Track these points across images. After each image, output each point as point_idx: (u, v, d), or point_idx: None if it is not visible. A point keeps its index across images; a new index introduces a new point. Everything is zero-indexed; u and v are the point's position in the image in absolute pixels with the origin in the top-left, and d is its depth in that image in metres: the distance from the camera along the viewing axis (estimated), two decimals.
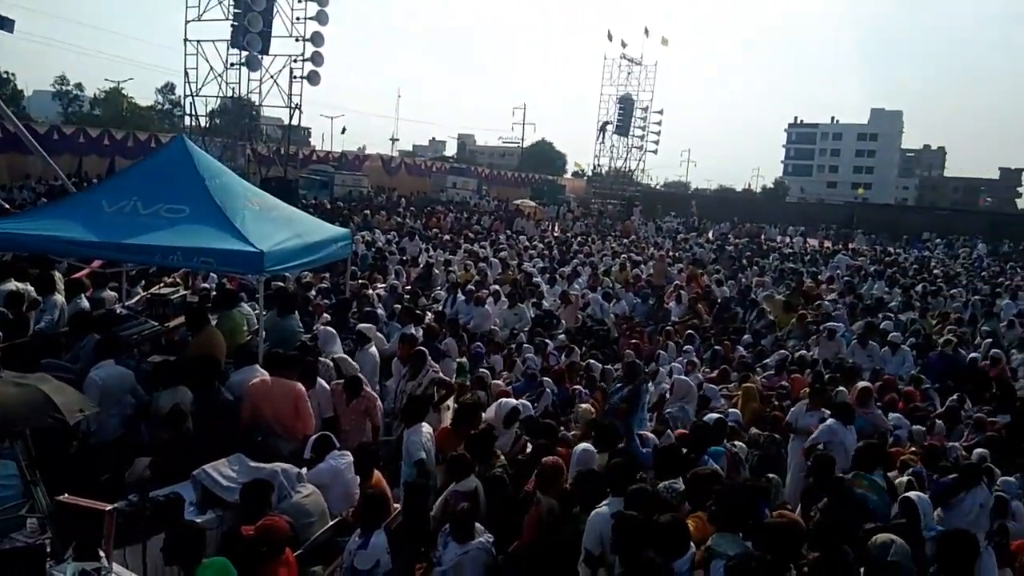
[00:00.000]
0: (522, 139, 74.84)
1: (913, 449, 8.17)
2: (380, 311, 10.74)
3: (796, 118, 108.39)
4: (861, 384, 8.24)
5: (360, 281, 13.65)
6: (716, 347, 12.56)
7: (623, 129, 45.72)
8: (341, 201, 30.71)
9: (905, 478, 7.01)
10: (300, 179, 30.93)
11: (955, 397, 10.12)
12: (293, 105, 27.40)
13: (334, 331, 8.45)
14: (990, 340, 13.57)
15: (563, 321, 13.38)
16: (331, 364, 7.57)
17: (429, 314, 12.08)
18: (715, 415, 7.59)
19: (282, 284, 10.46)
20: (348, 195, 33.94)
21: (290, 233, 7.43)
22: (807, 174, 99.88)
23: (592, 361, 10.64)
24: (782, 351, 12.13)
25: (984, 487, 5.80)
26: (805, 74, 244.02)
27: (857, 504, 4.52)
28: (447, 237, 22.96)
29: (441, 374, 8.02)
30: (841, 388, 9.18)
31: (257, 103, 28.69)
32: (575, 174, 71.46)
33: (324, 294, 12.45)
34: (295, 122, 28.76)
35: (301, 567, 4.70)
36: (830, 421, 7.00)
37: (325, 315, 10.25)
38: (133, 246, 6.63)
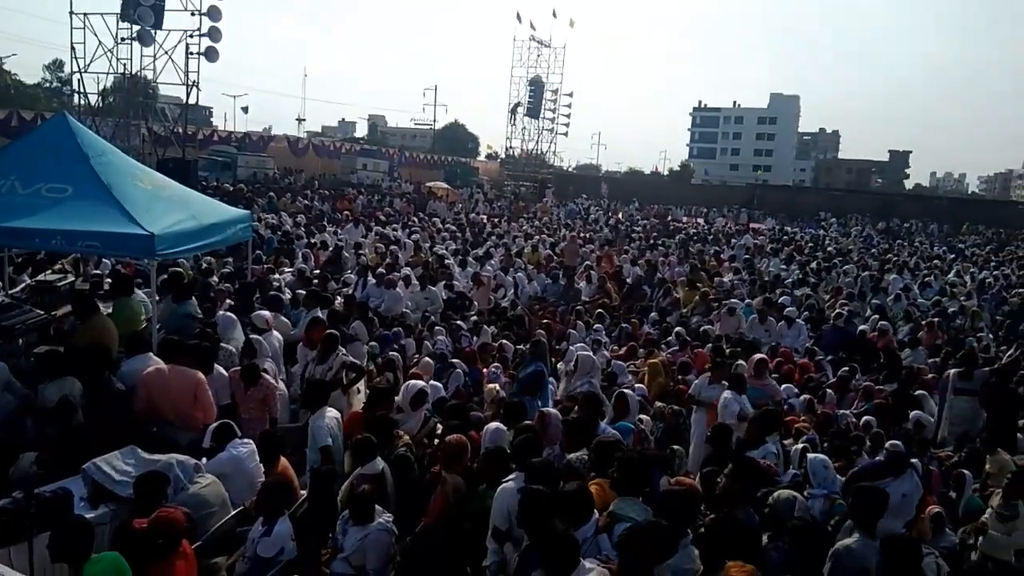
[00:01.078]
0: (434, 121, 74.19)
1: (804, 418, 8.61)
2: (287, 295, 10.44)
3: (700, 102, 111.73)
4: (756, 356, 8.58)
5: (266, 265, 13.25)
6: (624, 325, 12.84)
7: (534, 111, 46.03)
8: (245, 183, 29.64)
9: (800, 445, 7.42)
10: (200, 160, 29.66)
11: (846, 368, 10.73)
12: (190, 83, 26.23)
13: (234, 317, 8.15)
14: (878, 313, 14.42)
15: (475, 303, 13.38)
16: (232, 351, 7.32)
17: (339, 298, 11.91)
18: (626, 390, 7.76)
19: (178, 269, 10.00)
20: (252, 177, 32.82)
21: (184, 215, 7.09)
22: (711, 157, 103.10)
23: (504, 342, 10.69)
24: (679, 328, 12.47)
25: (913, 476, 5.88)
26: (709, 59, 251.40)
27: (759, 470, 4.72)
28: (358, 219, 22.54)
29: (351, 358, 7.88)
30: (741, 361, 9.57)
31: (152, 81, 27.28)
32: (488, 156, 71.47)
33: (227, 279, 12.01)
34: (193, 101, 27.53)
35: (202, 558, 4.55)
36: (727, 392, 7.28)
37: (228, 301, 9.90)
38: (8, 229, 6.18)
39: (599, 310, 13.81)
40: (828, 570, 4.03)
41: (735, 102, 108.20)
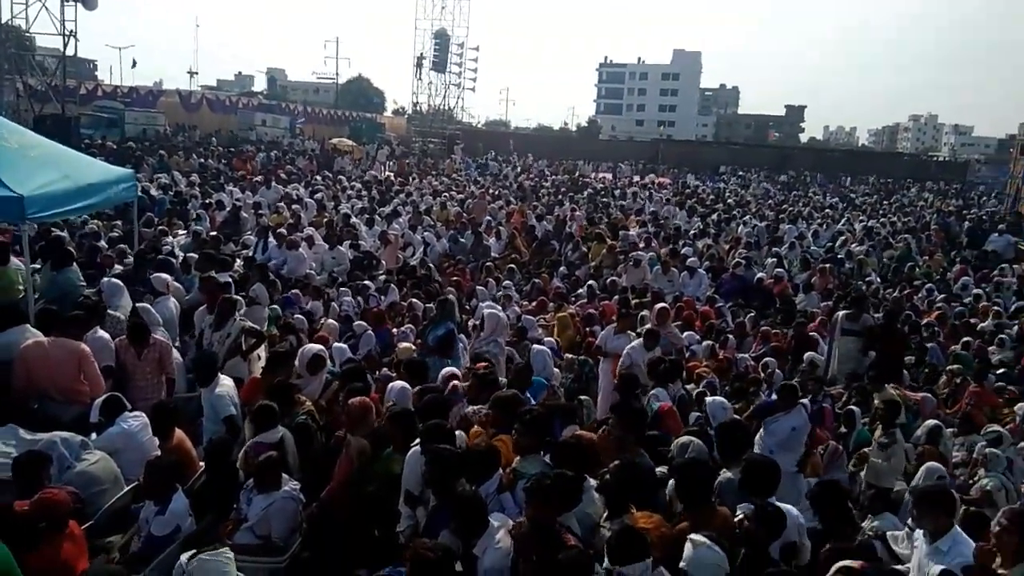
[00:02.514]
0: (336, 75, 71.65)
1: (705, 363, 8.92)
2: (179, 259, 9.93)
3: (606, 58, 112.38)
4: (659, 306, 8.79)
5: (158, 228, 12.55)
6: (535, 280, 12.91)
7: (440, 65, 45.08)
8: (133, 141, 27.89)
9: (700, 388, 7.70)
10: (83, 117, 27.61)
11: (751, 315, 11.19)
12: (67, 32, 24.23)
13: (121, 283, 7.67)
14: (774, 260, 15.03)
15: (383, 262, 13.13)
16: (120, 318, 6.91)
17: (238, 260, 11.43)
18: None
19: (60, 234, 9.33)
20: (142, 134, 30.93)
21: (57, 174, 6.56)
22: (618, 112, 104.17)
23: (414, 300, 10.55)
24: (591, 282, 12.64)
25: (802, 411, 6.13)
26: (615, 14, 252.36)
27: (642, 414, 4.84)
28: (257, 178, 21.65)
29: (249, 323, 7.58)
30: (646, 312, 9.81)
31: (25, 30, 25.05)
32: (395, 112, 69.81)
33: (115, 243, 11.31)
34: (72, 52, 25.50)
35: (94, 537, 4.33)
36: (635, 342, 7.43)
37: (117, 266, 9.33)
38: None
39: (510, 266, 13.85)
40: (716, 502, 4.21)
41: (640, 58, 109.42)
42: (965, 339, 10.69)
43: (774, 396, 6.68)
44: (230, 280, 8.47)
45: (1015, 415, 8.14)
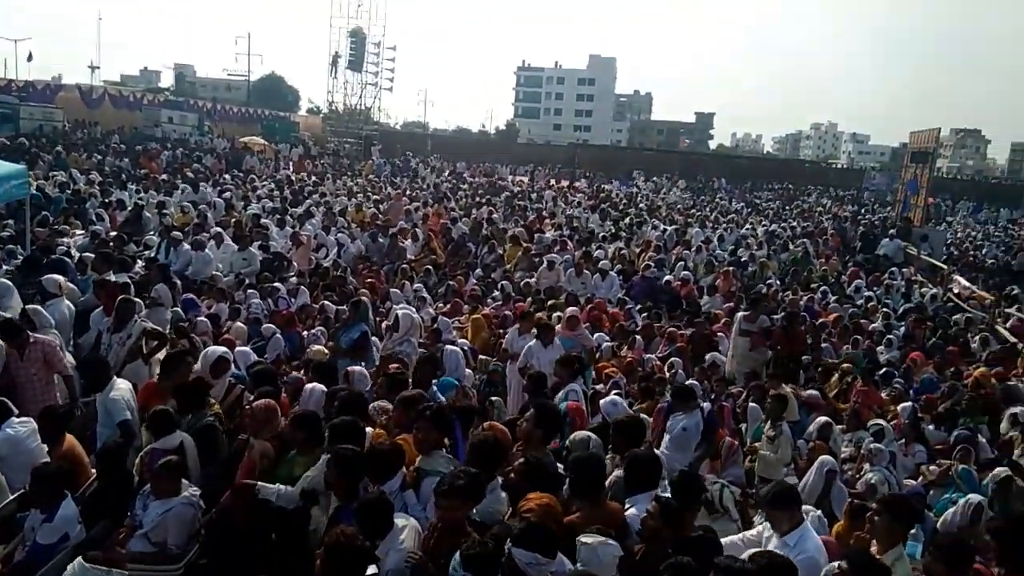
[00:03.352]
0: (248, 72, 69.44)
1: (613, 363, 9.17)
2: (75, 259, 9.50)
3: (524, 61, 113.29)
4: (569, 310, 8.97)
5: (54, 227, 11.95)
6: (450, 282, 12.95)
7: (356, 64, 44.33)
8: (28, 137, 26.38)
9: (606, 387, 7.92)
10: None
11: (650, 314, 11.55)
12: None
13: (9, 283, 7.29)
14: (682, 263, 15.56)
15: (295, 263, 12.89)
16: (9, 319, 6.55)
17: (140, 261, 11.02)
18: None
19: None
20: (38, 130, 29.26)
21: None
22: (535, 116, 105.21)
23: (326, 303, 10.41)
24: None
25: (697, 412, 6.31)
26: (532, 17, 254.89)
27: (554, 412, 4.96)
28: (162, 177, 20.84)
29: (151, 324, 7.33)
30: (559, 313, 10.00)
31: None
32: (309, 111, 68.28)
33: (5, 243, 10.71)
34: None
35: None
36: (532, 342, 7.59)
37: (5, 266, 8.84)
38: None
39: (426, 267, 13.85)
40: (611, 497, 4.36)
41: (557, 62, 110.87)
42: (854, 337, 11.34)
43: None
44: (128, 281, 8.16)
45: (900, 412, 8.71)
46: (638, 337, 10.40)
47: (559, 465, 4.54)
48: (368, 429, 4.72)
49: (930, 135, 23.43)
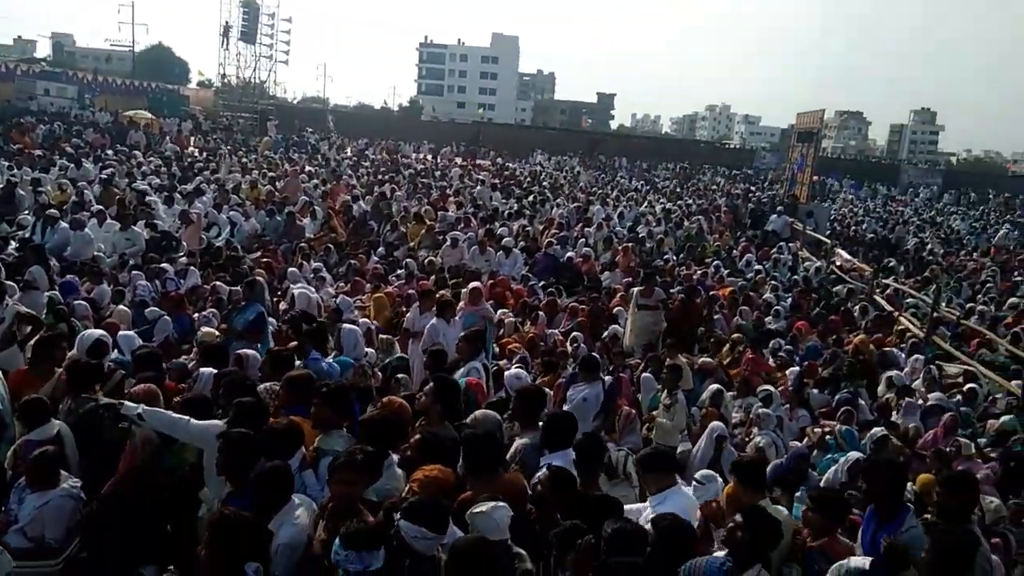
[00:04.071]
0: (133, 42, 65.34)
1: (516, 339, 9.25)
2: None
3: (427, 37, 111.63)
4: (472, 285, 8.97)
5: None
6: (351, 261, 12.68)
7: (249, 36, 42.69)
8: None
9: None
10: None
11: (552, 290, 11.71)
12: None
13: None
14: (583, 240, 15.82)
15: (184, 243, 12.30)
16: None
17: (12, 242, 10.30)
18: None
19: None
20: None
21: None
22: (439, 93, 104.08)
23: (218, 283, 9.99)
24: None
25: (598, 384, 6.53)
26: None
27: (456, 387, 4.97)
28: (37, 153, 19.43)
29: (24, 308, 6.84)
30: (464, 290, 9.97)
31: None
32: (200, 84, 64.98)
33: None
34: None
35: None
36: (433, 320, 7.57)
37: None
38: None
39: (326, 246, 13.53)
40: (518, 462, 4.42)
41: (460, 40, 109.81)
42: (743, 309, 11.84)
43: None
44: None
45: (787, 378, 9.19)
46: (540, 313, 10.51)
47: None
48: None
49: (815, 116, 24.64)
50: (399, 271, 12.35)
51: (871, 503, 4.29)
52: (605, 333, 9.87)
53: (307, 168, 24.38)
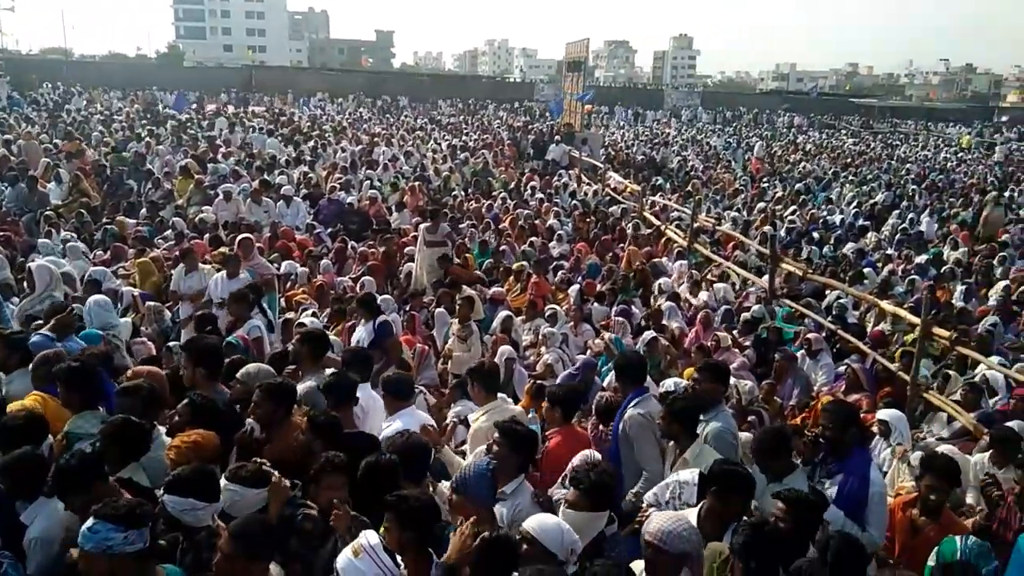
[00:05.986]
0: None
1: (304, 290, 8.96)
2: None
3: None
4: (240, 237, 8.50)
5: None
6: (108, 226, 11.47)
7: None
8: None
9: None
10: None
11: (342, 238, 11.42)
12: None
13: None
14: (368, 182, 15.49)
15: None
16: None
17: None
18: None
19: None
20: None
21: None
22: (201, 37, 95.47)
23: None
24: None
25: (370, 324, 6.44)
26: None
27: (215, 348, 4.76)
28: None
29: None
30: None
31: None
32: None
33: None
34: None
35: None
36: (216, 276, 7.16)
37: None
38: None
39: (77, 212, 12.11)
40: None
41: None
42: (530, 239, 12.27)
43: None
44: None
45: (569, 297, 9.70)
46: (326, 261, 10.23)
47: None
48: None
49: (582, 45, 25.64)
50: (167, 232, 11.41)
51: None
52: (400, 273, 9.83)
53: (48, 128, 21.52)
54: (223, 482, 3.15)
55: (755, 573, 2.88)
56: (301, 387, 4.47)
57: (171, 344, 6.66)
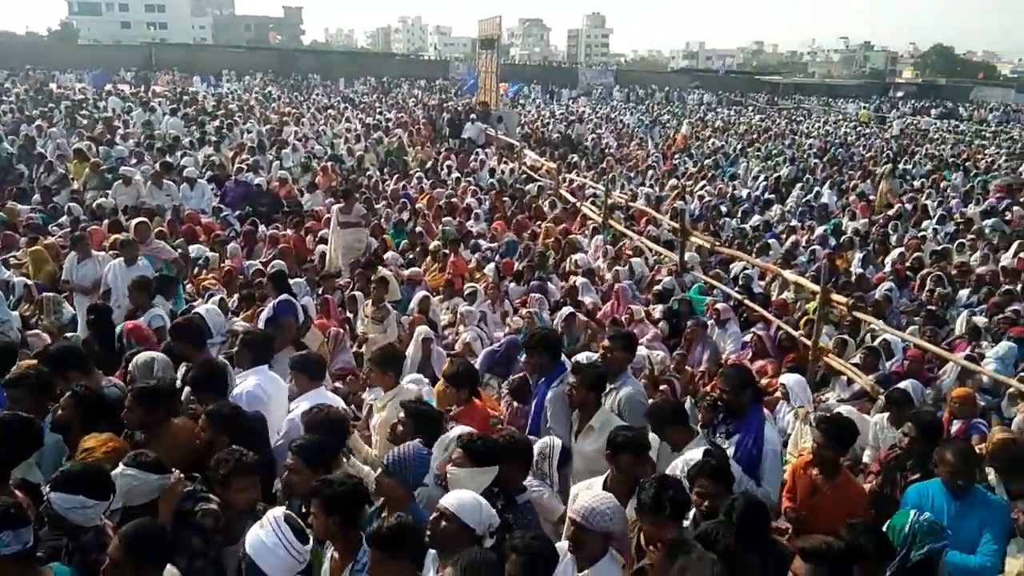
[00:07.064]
0: None
1: (212, 275, 8.69)
2: None
3: None
4: (135, 221, 8.16)
5: None
6: None
7: None
8: None
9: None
10: None
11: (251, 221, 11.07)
12: None
13: None
14: (278, 163, 15.07)
15: None
16: None
17: None
18: None
19: None
20: None
21: None
22: (96, 14, 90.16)
23: None
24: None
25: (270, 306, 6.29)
26: None
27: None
28: None
29: None
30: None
31: None
32: None
33: None
34: None
35: None
36: (113, 263, 6.86)
37: None
38: None
39: None
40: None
41: None
42: (447, 218, 12.23)
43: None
44: None
45: (486, 276, 9.73)
46: (234, 244, 9.93)
47: None
48: None
49: (494, 23, 25.47)
50: (62, 219, 10.82)
51: None
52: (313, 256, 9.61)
53: None
54: (120, 468, 3.02)
55: (655, 524, 2.97)
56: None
57: (68, 336, 6.37)
